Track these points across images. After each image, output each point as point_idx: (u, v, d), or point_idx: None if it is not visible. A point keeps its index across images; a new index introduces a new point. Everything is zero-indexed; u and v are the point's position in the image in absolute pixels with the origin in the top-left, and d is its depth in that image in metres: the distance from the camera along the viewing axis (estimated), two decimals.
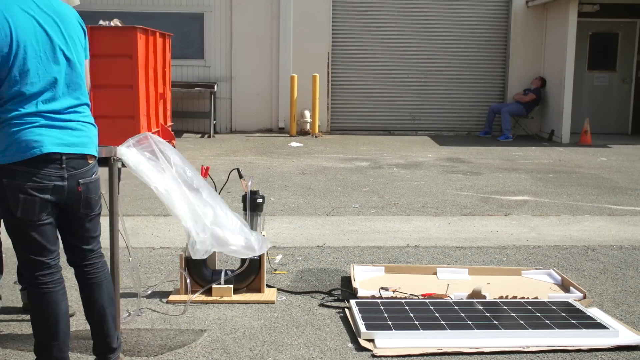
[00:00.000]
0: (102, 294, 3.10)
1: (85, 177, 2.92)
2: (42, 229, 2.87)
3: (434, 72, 14.04)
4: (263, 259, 4.30)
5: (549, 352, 3.48)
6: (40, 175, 2.79)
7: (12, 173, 2.77)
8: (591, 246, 5.58)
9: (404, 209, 6.90)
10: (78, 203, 2.93)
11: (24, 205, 2.79)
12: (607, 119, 14.29)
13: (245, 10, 13.39)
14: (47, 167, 2.80)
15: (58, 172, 2.82)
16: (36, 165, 2.78)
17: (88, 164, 2.95)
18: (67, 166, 2.85)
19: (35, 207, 2.81)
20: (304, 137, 13.04)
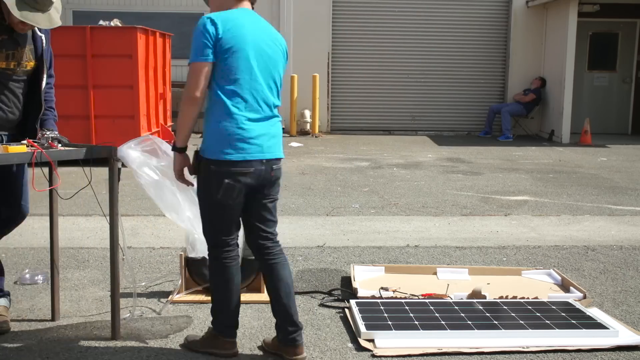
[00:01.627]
0: (287, 273, 3.36)
1: (277, 164, 3.31)
2: (235, 211, 3.23)
3: (434, 72, 14.04)
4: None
5: (549, 352, 3.48)
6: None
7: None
8: (591, 246, 5.58)
9: (404, 209, 6.90)
10: (270, 186, 3.29)
11: (226, 189, 3.14)
12: (607, 119, 14.29)
13: None
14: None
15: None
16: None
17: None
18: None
19: (234, 191, 3.16)
20: (304, 137, 13.04)
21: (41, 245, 5.29)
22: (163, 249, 5.34)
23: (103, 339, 3.58)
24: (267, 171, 3.22)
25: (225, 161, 3.13)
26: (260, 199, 3.28)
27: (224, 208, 3.20)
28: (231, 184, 3.13)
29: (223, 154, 3.13)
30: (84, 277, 4.62)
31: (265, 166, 3.21)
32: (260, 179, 3.21)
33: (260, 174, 3.20)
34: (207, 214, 3.26)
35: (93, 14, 12.44)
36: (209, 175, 3.17)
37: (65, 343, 3.53)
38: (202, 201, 3.26)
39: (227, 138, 3.13)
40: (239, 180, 3.14)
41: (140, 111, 9.48)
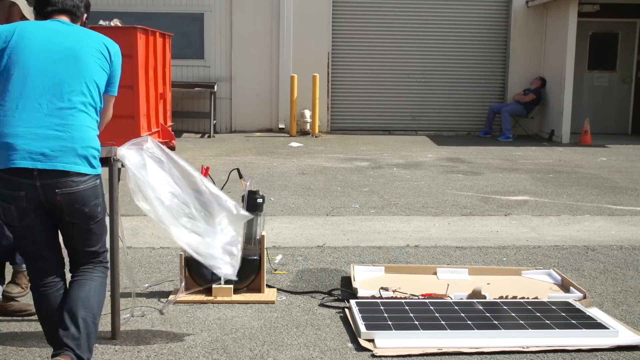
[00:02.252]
0: (79, 292, 3.04)
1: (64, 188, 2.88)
2: (27, 233, 2.94)
3: (434, 72, 14.04)
4: (263, 259, 4.30)
5: (549, 352, 3.48)
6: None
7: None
8: (591, 246, 5.58)
9: (404, 209, 6.90)
10: (60, 212, 2.93)
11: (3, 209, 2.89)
12: (607, 119, 14.29)
13: (245, 10, 13.39)
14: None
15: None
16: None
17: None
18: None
19: (11, 212, 2.87)
20: (304, 137, 13.04)
21: None
22: (163, 249, 5.34)
23: (103, 339, 3.58)
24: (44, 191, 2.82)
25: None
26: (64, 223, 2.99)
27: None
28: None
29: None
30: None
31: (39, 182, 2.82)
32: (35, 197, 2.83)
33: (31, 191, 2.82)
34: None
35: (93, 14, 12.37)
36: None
37: None
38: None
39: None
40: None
41: (140, 111, 9.48)
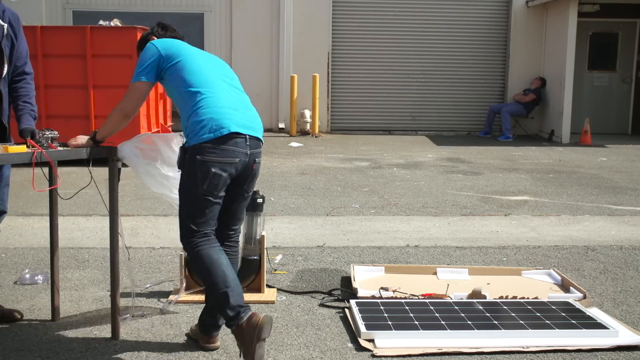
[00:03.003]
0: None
1: (259, 157, 3.39)
2: (215, 204, 3.25)
3: (434, 72, 14.04)
4: (263, 259, 4.30)
5: (549, 352, 3.48)
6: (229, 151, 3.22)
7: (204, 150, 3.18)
8: (591, 246, 5.58)
9: (404, 209, 6.90)
10: (248, 179, 3.37)
11: (212, 180, 3.18)
12: (607, 119, 14.30)
13: (245, 10, 13.39)
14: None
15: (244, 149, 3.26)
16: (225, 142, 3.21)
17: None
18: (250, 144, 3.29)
19: (220, 182, 3.21)
20: (304, 137, 13.04)
21: (41, 245, 5.29)
22: (163, 249, 5.34)
23: (103, 339, 3.58)
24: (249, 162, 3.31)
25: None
26: (238, 191, 3.40)
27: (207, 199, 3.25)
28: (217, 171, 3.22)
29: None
30: (84, 277, 4.62)
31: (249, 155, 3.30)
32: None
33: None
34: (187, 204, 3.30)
35: (93, 14, 12.44)
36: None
37: (65, 343, 3.53)
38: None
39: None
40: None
41: (140, 111, 9.48)
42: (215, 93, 3.29)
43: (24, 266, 4.83)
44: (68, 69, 9.19)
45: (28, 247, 5.31)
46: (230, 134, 3.20)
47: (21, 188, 7.52)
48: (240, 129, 3.24)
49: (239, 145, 3.23)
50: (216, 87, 3.31)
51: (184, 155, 3.24)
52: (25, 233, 5.72)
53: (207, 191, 3.19)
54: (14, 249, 5.22)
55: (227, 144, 3.19)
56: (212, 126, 3.18)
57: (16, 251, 5.19)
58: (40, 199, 6.91)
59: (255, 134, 3.33)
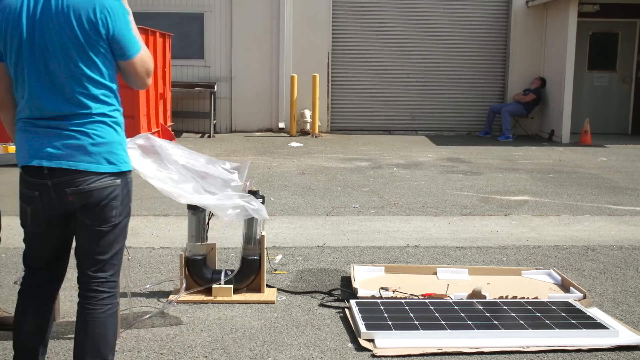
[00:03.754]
0: (86, 334, 2.72)
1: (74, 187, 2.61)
2: (34, 241, 2.78)
3: (434, 72, 14.04)
4: (263, 259, 4.30)
5: (549, 352, 3.48)
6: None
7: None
8: (591, 246, 5.58)
9: (404, 209, 6.90)
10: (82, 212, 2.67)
11: (21, 211, 2.75)
12: (607, 119, 14.29)
13: (245, 10, 13.39)
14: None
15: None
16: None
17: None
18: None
19: (26, 215, 2.72)
20: (304, 137, 13.04)
21: None
22: (163, 249, 5.34)
23: None
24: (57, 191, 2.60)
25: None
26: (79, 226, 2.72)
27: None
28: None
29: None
30: None
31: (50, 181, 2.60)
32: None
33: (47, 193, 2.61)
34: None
35: None
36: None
37: (65, 343, 3.53)
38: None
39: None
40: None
41: (140, 111, 9.49)
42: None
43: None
44: None
45: None
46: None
47: None
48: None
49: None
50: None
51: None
52: None
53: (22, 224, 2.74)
54: (14, 249, 5.21)
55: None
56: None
57: (16, 251, 5.19)
58: None
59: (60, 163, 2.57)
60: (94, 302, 2.75)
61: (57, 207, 2.64)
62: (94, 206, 2.63)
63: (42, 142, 2.58)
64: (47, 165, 2.57)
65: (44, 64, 2.56)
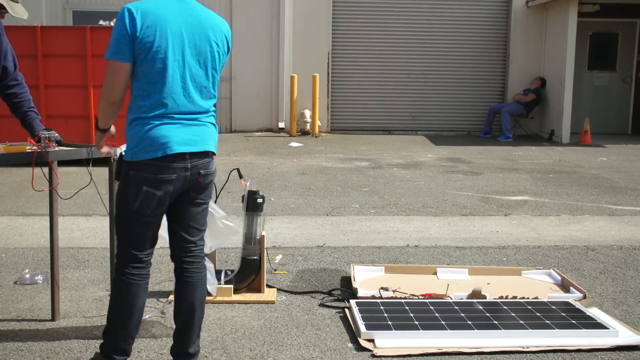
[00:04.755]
0: (195, 295, 3.10)
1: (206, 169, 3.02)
2: (150, 225, 2.97)
3: (434, 72, 14.04)
4: (263, 259, 4.29)
5: (549, 352, 3.48)
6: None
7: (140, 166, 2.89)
8: (591, 246, 5.58)
9: (404, 209, 6.90)
10: (195, 191, 3.02)
11: (143, 198, 2.90)
12: (607, 119, 14.29)
13: (245, 10, 13.39)
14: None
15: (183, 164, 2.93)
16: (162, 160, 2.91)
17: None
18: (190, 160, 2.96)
19: (153, 201, 2.91)
20: (304, 137, 13.04)
21: (41, 245, 5.29)
22: (163, 249, 5.32)
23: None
24: (193, 175, 2.96)
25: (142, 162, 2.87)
26: (186, 204, 3.04)
27: (139, 219, 2.95)
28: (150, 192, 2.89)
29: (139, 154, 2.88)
30: (84, 277, 4.62)
31: (190, 169, 2.94)
32: (186, 184, 2.96)
33: (185, 179, 2.94)
34: (122, 224, 3.00)
35: (93, 14, 12.43)
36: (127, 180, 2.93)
37: (65, 343, 3.53)
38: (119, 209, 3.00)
39: (142, 140, 2.89)
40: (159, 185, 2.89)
41: None
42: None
43: (24, 266, 4.83)
44: (68, 69, 9.19)
45: (28, 247, 5.31)
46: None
47: (21, 188, 7.52)
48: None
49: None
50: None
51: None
52: (25, 233, 5.72)
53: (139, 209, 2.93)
54: (14, 249, 5.21)
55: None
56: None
57: (16, 251, 5.19)
58: (40, 198, 6.90)
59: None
60: (196, 267, 3.14)
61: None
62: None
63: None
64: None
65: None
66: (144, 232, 2.98)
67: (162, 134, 2.88)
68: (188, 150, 2.92)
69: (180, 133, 2.91)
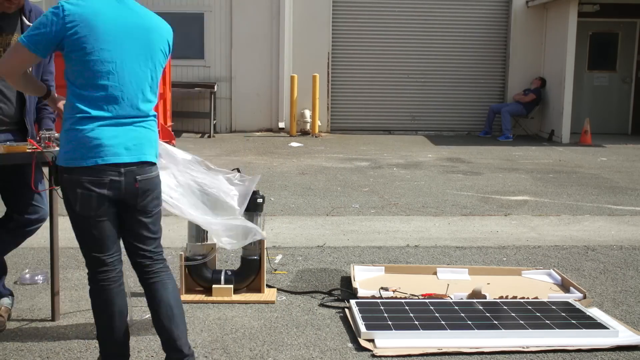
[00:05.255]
0: (167, 293, 2.99)
1: (144, 174, 2.90)
2: (100, 225, 2.86)
3: (434, 72, 14.04)
4: (263, 259, 4.29)
5: (549, 352, 3.48)
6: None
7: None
8: (591, 246, 5.58)
9: (404, 209, 6.90)
10: (135, 198, 2.89)
11: (81, 200, 2.81)
12: (607, 119, 14.29)
13: (245, 10, 13.39)
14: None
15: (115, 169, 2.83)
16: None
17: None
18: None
19: (92, 202, 2.81)
20: (304, 137, 13.04)
21: (41, 245, 5.29)
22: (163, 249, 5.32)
23: None
24: (128, 182, 2.85)
25: (76, 168, 2.79)
26: (132, 213, 2.93)
27: (87, 221, 2.86)
28: (85, 193, 2.80)
29: (73, 161, 2.79)
30: (84, 277, 4.61)
31: (124, 174, 2.83)
32: (122, 190, 2.85)
33: (119, 185, 2.83)
34: (76, 229, 2.92)
35: None
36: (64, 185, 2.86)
37: (65, 343, 3.54)
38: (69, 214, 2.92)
39: (79, 144, 2.79)
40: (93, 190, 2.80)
41: None
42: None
43: (24, 266, 4.83)
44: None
45: (28, 247, 5.30)
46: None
47: None
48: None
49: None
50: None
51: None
52: None
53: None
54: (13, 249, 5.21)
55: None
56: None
57: (16, 251, 5.17)
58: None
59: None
60: (158, 269, 3.05)
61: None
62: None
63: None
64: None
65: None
66: (99, 233, 2.87)
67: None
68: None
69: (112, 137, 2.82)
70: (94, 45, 2.75)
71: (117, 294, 2.94)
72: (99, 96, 2.78)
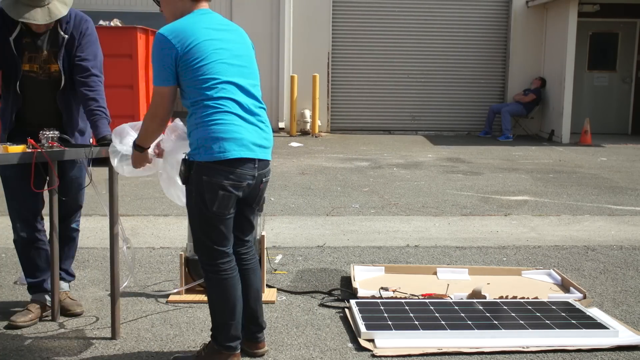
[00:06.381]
0: (256, 279, 3.36)
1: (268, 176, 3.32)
2: (229, 222, 3.12)
3: (434, 72, 14.04)
4: (263, 259, 4.29)
5: (549, 352, 3.48)
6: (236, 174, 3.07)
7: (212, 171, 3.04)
8: (591, 246, 5.58)
9: (404, 209, 6.90)
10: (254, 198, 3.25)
11: (221, 201, 3.03)
12: (607, 119, 14.29)
13: (245, 10, 13.39)
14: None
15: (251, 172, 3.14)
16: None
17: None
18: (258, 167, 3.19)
19: (230, 202, 3.07)
20: (304, 137, 13.04)
21: None
22: (163, 249, 5.34)
23: (103, 339, 3.58)
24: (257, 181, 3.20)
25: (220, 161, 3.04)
26: (247, 207, 3.28)
27: (220, 218, 3.09)
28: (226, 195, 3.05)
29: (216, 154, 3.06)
30: (84, 277, 4.62)
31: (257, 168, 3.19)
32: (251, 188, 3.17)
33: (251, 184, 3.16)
34: (205, 227, 3.13)
35: (93, 14, 12.40)
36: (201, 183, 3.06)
37: (65, 343, 3.53)
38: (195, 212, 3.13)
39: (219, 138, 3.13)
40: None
41: (140, 111, 9.48)
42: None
43: None
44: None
45: None
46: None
47: None
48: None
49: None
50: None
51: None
52: None
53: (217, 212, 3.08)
54: (14, 249, 5.20)
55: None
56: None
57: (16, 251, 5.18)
58: None
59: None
60: (252, 256, 3.41)
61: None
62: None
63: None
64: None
65: None
66: (226, 228, 3.12)
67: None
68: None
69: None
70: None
71: (238, 280, 3.20)
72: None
